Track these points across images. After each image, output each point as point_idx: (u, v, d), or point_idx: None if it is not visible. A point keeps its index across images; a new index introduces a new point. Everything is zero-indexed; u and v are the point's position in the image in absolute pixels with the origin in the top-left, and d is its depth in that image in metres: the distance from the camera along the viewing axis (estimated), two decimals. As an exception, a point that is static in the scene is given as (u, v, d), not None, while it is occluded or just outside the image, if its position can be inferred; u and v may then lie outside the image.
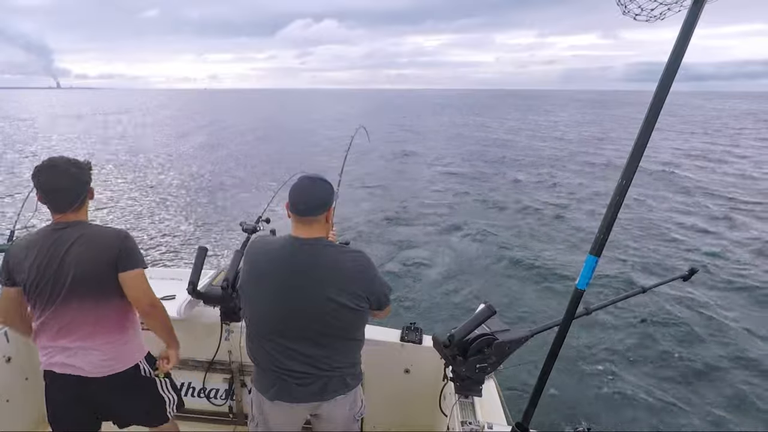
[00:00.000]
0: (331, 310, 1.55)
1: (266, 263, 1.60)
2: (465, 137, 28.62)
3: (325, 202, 1.59)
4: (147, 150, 22.43)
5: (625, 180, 1.22)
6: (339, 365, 1.65)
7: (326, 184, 1.61)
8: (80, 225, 1.72)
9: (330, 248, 1.60)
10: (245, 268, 1.65)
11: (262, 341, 1.62)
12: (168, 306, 2.38)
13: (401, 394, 2.38)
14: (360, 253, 1.64)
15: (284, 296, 1.55)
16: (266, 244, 1.65)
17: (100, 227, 1.76)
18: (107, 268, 1.67)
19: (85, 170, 1.75)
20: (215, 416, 2.65)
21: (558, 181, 14.84)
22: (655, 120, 1.17)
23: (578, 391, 4.66)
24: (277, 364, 1.61)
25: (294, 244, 1.58)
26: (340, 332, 1.62)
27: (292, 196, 1.59)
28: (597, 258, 1.30)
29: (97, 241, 1.69)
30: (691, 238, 9.26)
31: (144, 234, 9.76)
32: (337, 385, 1.66)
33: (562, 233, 9.67)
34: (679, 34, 1.10)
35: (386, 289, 1.66)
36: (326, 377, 1.63)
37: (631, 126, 31.63)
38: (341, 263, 1.57)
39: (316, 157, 19.76)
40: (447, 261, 8.14)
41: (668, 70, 1.13)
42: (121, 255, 1.69)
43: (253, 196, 12.65)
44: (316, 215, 1.57)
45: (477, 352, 1.61)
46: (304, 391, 1.63)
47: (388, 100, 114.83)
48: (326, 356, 1.61)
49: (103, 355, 1.74)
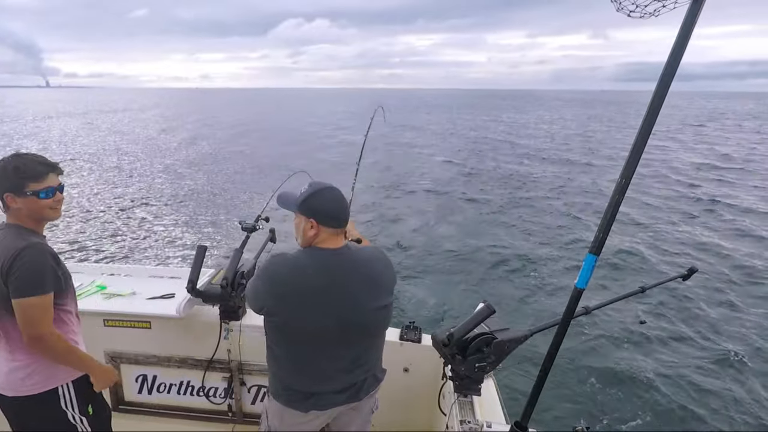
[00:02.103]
0: (380, 313, 1.57)
1: (314, 281, 1.49)
2: (464, 136, 28.63)
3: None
4: (144, 149, 22.41)
5: (625, 179, 1.21)
6: (373, 363, 1.68)
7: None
8: (7, 230, 1.63)
9: (361, 252, 1.60)
10: (280, 290, 1.50)
11: (306, 358, 1.55)
12: (167, 304, 2.40)
13: (400, 393, 2.38)
14: (378, 249, 1.68)
15: (339, 309, 1.50)
16: (299, 263, 1.52)
17: (12, 237, 1.60)
18: (2, 284, 1.56)
19: (3, 172, 1.59)
20: (214, 414, 2.66)
21: (558, 181, 14.85)
22: (655, 119, 1.16)
23: (577, 390, 4.66)
24: (318, 379, 1.57)
25: (335, 258, 1.52)
26: (380, 331, 1.66)
27: (328, 209, 1.51)
28: (596, 257, 1.29)
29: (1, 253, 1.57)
30: (690, 238, 9.27)
31: (144, 232, 9.76)
32: (371, 383, 1.68)
33: (561, 232, 9.68)
34: (678, 32, 1.10)
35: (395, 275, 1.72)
36: (363, 379, 1.64)
37: (625, 124, 31.70)
38: (375, 265, 1.59)
39: (315, 155, 19.78)
40: (446, 260, 8.14)
41: (667, 69, 1.13)
42: (10, 275, 1.54)
43: (252, 195, 12.66)
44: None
45: (476, 351, 1.60)
46: (341, 398, 1.61)
47: (381, 100, 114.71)
48: (366, 358, 1.63)
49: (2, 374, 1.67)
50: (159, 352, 2.53)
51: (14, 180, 1.59)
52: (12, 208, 1.63)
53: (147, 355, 2.55)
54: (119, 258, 8.40)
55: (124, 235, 9.64)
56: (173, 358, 2.54)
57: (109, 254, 8.59)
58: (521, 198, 12.64)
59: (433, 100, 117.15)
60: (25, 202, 1.62)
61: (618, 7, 1.15)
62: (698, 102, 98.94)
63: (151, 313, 2.40)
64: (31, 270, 1.55)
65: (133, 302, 2.46)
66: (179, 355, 2.53)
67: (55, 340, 1.63)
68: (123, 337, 2.50)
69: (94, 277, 2.71)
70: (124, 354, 2.56)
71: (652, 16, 1.13)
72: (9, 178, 1.60)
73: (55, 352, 1.64)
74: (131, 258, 8.42)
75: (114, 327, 2.47)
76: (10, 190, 1.60)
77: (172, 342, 2.50)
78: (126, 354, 2.56)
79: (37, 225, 1.69)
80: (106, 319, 2.46)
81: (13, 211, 1.64)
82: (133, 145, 23.72)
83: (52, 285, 1.60)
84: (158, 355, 2.54)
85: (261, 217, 2.39)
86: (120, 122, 40.54)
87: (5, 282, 1.55)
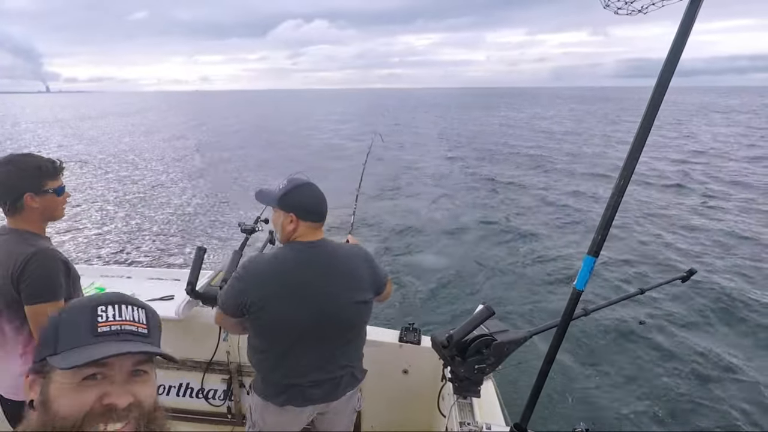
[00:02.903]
0: (357, 308, 1.58)
1: (295, 273, 1.52)
2: (463, 134, 28.64)
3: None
4: (143, 151, 22.41)
5: (623, 180, 1.21)
6: (351, 362, 1.68)
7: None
8: (11, 235, 1.59)
9: (340, 248, 1.62)
10: (258, 283, 1.52)
11: (285, 351, 1.57)
12: (166, 306, 2.39)
13: (399, 394, 2.37)
14: (358, 246, 1.70)
15: (318, 302, 1.52)
16: (279, 257, 1.55)
17: (18, 243, 1.57)
18: (11, 289, 1.54)
19: (21, 174, 1.56)
20: (213, 417, 2.65)
21: (559, 181, 14.85)
22: (653, 119, 1.15)
23: (576, 391, 4.66)
24: (294, 372, 1.58)
25: (314, 250, 1.55)
26: (357, 329, 1.66)
27: (308, 204, 1.55)
28: (595, 258, 1.29)
29: (5, 259, 1.55)
30: (690, 239, 9.27)
31: (143, 234, 9.75)
32: (348, 381, 1.68)
33: (560, 233, 9.68)
34: (678, 29, 1.09)
35: (384, 273, 1.71)
36: (340, 376, 1.65)
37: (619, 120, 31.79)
38: (353, 259, 1.61)
39: (314, 157, 19.78)
40: (445, 262, 8.13)
41: (666, 67, 1.12)
42: (20, 282, 1.52)
43: (252, 197, 12.63)
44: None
45: (475, 353, 1.60)
46: (318, 393, 1.62)
47: (380, 100, 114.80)
48: (342, 355, 1.63)
49: (7, 379, 1.66)
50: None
51: (36, 179, 1.59)
52: (30, 208, 1.60)
53: None
54: (118, 260, 8.39)
55: (122, 236, 9.63)
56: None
57: (107, 256, 8.59)
58: (521, 198, 12.64)
59: (431, 99, 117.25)
60: (43, 201, 1.61)
61: (605, 4, 1.15)
62: (698, 97, 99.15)
63: None
64: (42, 276, 1.54)
65: (132, 304, 2.46)
66: (178, 357, 2.52)
67: None
68: None
69: (93, 279, 2.71)
70: (123, 356, 2.55)
71: (640, 13, 1.13)
72: (32, 177, 1.58)
73: None
74: (130, 260, 8.42)
75: None
76: (31, 189, 1.58)
77: (171, 344, 2.47)
78: None
79: (42, 227, 1.68)
80: (105, 321, 2.45)
81: (25, 213, 1.61)
82: (133, 149, 23.72)
83: (63, 292, 1.59)
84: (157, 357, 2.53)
85: (260, 218, 2.39)
86: (124, 126, 40.59)
87: (17, 288, 1.53)
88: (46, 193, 1.61)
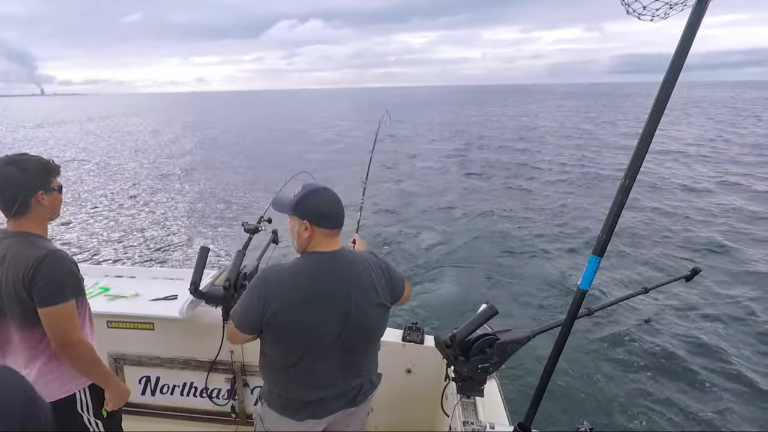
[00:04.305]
0: (378, 316, 1.57)
1: (315, 284, 1.47)
2: (463, 133, 28.57)
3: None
4: (147, 152, 22.47)
5: (629, 180, 1.20)
6: (370, 368, 1.67)
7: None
8: (16, 238, 1.57)
9: (357, 255, 1.59)
10: (277, 296, 1.45)
11: (307, 366, 1.51)
12: (170, 306, 2.40)
13: (403, 394, 2.37)
14: (372, 253, 1.68)
15: (341, 311, 1.48)
16: (297, 268, 1.50)
17: (26, 245, 1.55)
18: (24, 293, 1.52)
19: (31, 172, 1.54)
20: (217, 416, 2.66)
21: (561, 180, 14.81)
22: (659, 119, 1.15)
23: (580, 391, 4.64)
24: (317, 385, 1.54)
25: (332, 260, 1.50)
26: (378, 335, 1.64)
27: (321, 208, 1.48)
28: (600, 258, 1.29)
29: (15, 262, 1.53)
30: (694, 238, 9.22)
31: (146, 234, 9.79)
32: (368, 387, 1.67)
33: (565, 233, 9.65)
34: (684, 29, 1.08)
35: (401, 277, 1.69)
36: (360, 384, 1.63)
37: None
38: (370, 267, 1.58)
39: (314, 156, 19.78)
40: (449, 261, 8.13)
41: (672, 67, 1.11)
42: (33, 285, 1.50)
43: (255, 197, 12.66)
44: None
45: (479, 352, 1.60)
46: (339, 404, 1.59)
47: (376, 99, 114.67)
48: (364, 363, 1.62)
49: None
50: (162, 353, 2.53)
51: (46, 176, 1.59)
52: (40, 206, 1.59)
53: (150, 356, 2.55)
54: (122, 260, 8.42)
55: (127, 236, 9.67)
56: (176, 359, 2.54)
57: (112, 256, 8.62)
58: (523, 198, 12.61)
59: (427, 97, 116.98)
60: (50, 199, 1.62)
61: (628, 10, 1.15)
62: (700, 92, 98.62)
63: (154, 314, 2.40)
64: (55, 278, 1.53)
65: (136, 304, 2.47)
66: (182, 356, 2.53)
67: (83, 348, 1.62)
68: (126, 338, 2.51)
69: (98, 278, 2.72)
70: (128, 355, 2.57)
71: (661, 19, 1.13)
72: (41, 175, 1.58)
73: (81, 361, 1.63)
74: (134, 259, 8.45)
75: (117, 328, 2.47)
76: (42, 187, 1.58)
77: (175, 343, 2.50)
78: (129, 355, 2.57)
79: (46, 228, 1.68)
80: (110, 321, 2.46)
81: (33, 213, 1.59)
82: (134, 149, 23.78)
83: (74, 292, 1.60)
84: (161, 357, 2.54)
85: (263, 218, 2.39)
86: (124, 127, 40.69)
87: (29, 292, 1.52)
88: (53, 191, 1.62)
